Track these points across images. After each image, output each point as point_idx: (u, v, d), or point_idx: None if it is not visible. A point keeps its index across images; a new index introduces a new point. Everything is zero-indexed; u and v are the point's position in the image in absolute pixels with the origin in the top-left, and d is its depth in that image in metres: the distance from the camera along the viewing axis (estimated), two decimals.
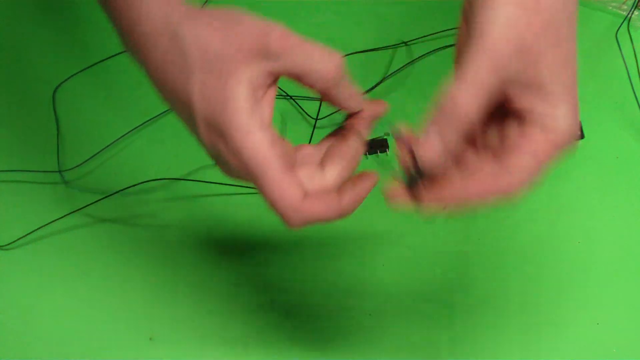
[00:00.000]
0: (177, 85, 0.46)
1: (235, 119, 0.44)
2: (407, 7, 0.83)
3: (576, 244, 0.71)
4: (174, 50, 0.45)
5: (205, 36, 0.45)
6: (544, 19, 0.45)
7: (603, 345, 0.66)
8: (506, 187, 0.46)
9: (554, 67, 0.45)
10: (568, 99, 0.46)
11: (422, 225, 0.72)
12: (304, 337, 0.67)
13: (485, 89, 0.45)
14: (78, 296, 0.68)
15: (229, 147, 0.45)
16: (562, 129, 0.46)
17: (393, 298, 0.68)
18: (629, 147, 0.75)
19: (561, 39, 0.45)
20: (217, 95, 0.44)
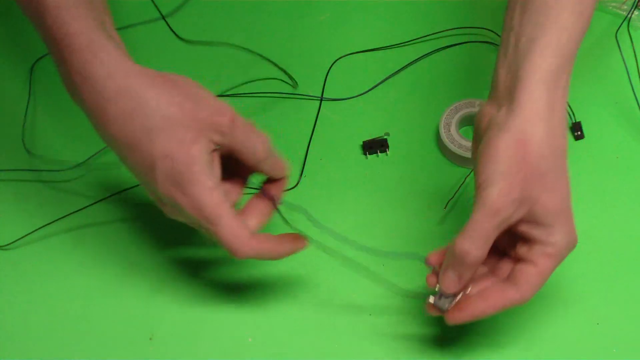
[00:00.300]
0: (137, 142, 0.55)
1: (198, 178, 0.55)
2: (407, 8, 0.83)
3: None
4: (137, 112, 0.54)
5: (167, 106, 0.54)
6: (537, 171, 0.55)
7: (603, 345, 0.66)
8: (518, 300, 0.58)
9: (550, 206, 0.56)
10: (564, 223, 0.56)
11: (423, 225, 0.72)
12: (305, 337, 0.67)
13: (489, 239, 0.56)
14: (78, 296, 0.68)
15: (189, 199, 0.55)
16: (561, 246, 0.57)
17: (393, 298, 0.68)
18: (629, 147, 0.75)
19: (555, 183, 0.56)
20: (181, 157, 0.54)
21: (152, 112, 0.54)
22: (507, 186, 0.55)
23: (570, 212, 0.57)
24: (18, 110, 0.78)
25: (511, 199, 0.55)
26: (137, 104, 0.54)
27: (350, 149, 0.76)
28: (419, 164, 0.75)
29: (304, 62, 0.80)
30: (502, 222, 0.56)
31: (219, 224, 0.56)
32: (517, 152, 0.55)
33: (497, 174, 0.56)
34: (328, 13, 0.83)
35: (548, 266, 0.57)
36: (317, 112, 0.77)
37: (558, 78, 0.56)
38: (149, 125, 0.54)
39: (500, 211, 0.55)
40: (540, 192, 0.55)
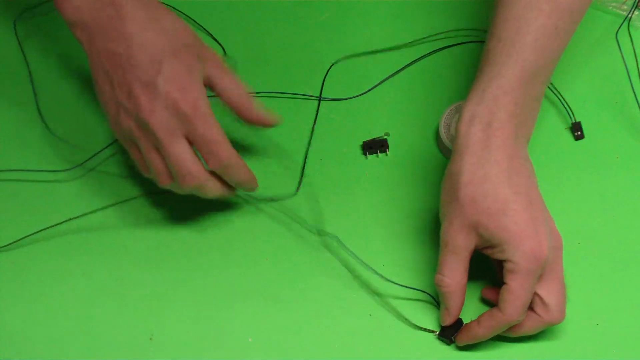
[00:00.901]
0: (151, 41, 0.61)
1: (202, 100, 0.62)
2: (406, 8, 0.83)
3: (576, 244, 0.71)
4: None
5: (151, 37, 0.62)
6: (468, 198, 0.61)
7: (603, 345, 0.66)
8: (504, 319, 0.62)
9: (492, 228, 0.61)
10: (514, 240, 0.60)
11: (422, 226, 0.72)
12: (305, 337, 0.67)
13: (453, 267, 0.63)
14: (78, 296, 0.68)
15: (189, 95, 0.61)
16: (518, 262, 0.60)
17: (393, 298, 0.68)
18: (629, 147, 0.75)
19: (492, 205, 0.60)
20: (184, 79, 0.61)
21: (165, 31, 0.62)
22: (448, 220, 0.63)
23: (522, 228, 0.60)
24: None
25: (455, 230, 0.62)
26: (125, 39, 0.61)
27: (350, 149, 0.76)
28: (419, 164, 0.75)
29: (304, 62, 0.80)
30: (456, 250, 0.63)
31: (213, 123, 0.62)
32: (449, 185, 0.63)
33: (442, 212, 0.64)
34: (327, 13, 0.83)
35: (514, 284, 0.61)
36: (317, 112, 0.77)
37: (492, 113, 0.62)
38: (156, 53, 0.61)
39: (448, 242, 0.63)
40: (479, 217, 0.61)
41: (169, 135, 0.61)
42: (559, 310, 0.63)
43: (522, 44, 0.63)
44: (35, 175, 0.74)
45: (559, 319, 0.63)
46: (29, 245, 0.71)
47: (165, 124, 0.61)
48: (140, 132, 0.62)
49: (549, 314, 0.63)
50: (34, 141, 0.76)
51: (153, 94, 0.60)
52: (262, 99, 0.78)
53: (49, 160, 0.74)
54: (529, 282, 0.61)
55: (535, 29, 0.63)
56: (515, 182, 0.61)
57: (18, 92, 0.78)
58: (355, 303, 0.68)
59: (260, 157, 0.75)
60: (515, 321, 0.62)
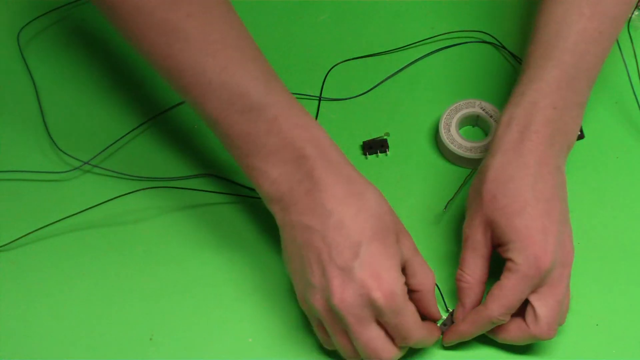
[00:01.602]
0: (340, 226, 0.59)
1: (398, 289, 0.58)
2: (406, 9, 0.83)
3: (576, 244, 0.70)
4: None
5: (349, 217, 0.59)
6: (490, 195, 0.62)
7: (603, 345, 0.66)
8: (487, 315, 0.62)
9: (504, 226, 0.61)
10: (523, 243, 0.60)
11: (422, 226, 0.72)
12: (305, 337, 0.67)
13: (471, 262, 0.64)
14: (78, 296, 0.68)
15: (384, 284, 0.57)
16: (519, 264, 0.60)
17: None
18: (629, 147, 0.75)
19: (511, 205, 0.61)
20: (382, 264, 0.58)
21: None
22: (470, 216, 0.64)
23: (532, 233, 0.60)
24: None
25: (475, 227, 0.63)
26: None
27: (350, 149, 0.75)
28: (419, 164, 0.75)
29: (304, 62, 0.80)
30: (476, 246, 0.63)
31: (407, 312, 0.59)
32: (477, 182, 0.63)
33: (468, 204, 0.65)
34: (327, 13, 0.83)
35: (507, 282, 0.60)
36: (317, 112, 0.77)
37: (530, 116, 0.62)
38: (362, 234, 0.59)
39: (469, 237, 0.64)
40: (496, 213, 0.61)
41: (359, 322, 0.58)
42: (548, 326, 0.61)
43: (562, 48, 0.63)
44: (35, 175, 0.74)
45: (547, 335, 0.62)
46: (29, 245, 0.71)
47: (356, 312, 0.57)
48: (329, 315, 0.59)
49: (537, 327, 0.61)
50: (35, 142, 0.76)
51: (348, 278, 0.57)
52: None
53: (49, 161, 0.74)
54: (522, 286, 0.60)
55: (575, 33, 0.63)
56: (539, 188, 0.61)
57: (20, 95, 0.78)
58: None
59: None
60: (496, 319, 0.61)
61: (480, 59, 0.80)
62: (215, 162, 0.74)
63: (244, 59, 0.61)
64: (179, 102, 0.77)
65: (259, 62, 0.62)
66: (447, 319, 0.66)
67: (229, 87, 0.60)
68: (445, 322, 0.66)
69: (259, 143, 0.60)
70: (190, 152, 0.75)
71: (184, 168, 0.74)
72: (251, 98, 0.60)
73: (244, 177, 0.73)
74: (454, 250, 0.70)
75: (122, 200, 0.72)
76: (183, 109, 0.77)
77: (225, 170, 0.73)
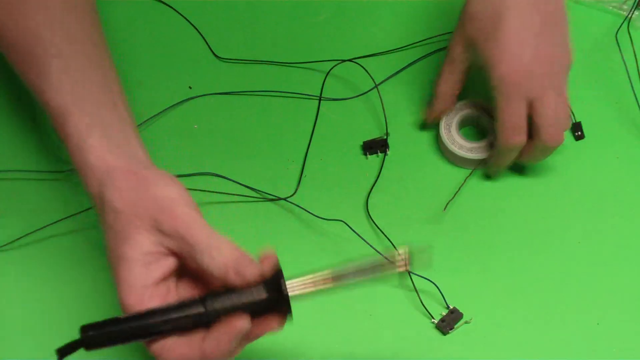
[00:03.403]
0: (103, 231, 0.55)
1: (121, 275, 0.53)
2: (406, 9, 0.83)
3: (576, 244, 0.71)
4: (100, 207, 0.54)
5: (115, 199, 0.53)
6: (470, 15, 0.66)
7: (603, 345, 0.66)
8: (502, 144, 0.69)
9: (480, 42, 0.66)
10: (494, 56, 0.65)
11: (422, 226, 0.72)
12: (305, 337, 0.67)
13: (447, 75, 0.71)
14: (78, 296, 0.68)
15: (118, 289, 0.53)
16: (495, 77, 0.66)
17: (393, 298, 0.69)
18: (629, 147, 0.75)
19: (490, 26, 0.65)
20: (115, 252, 0.53)
21: (105, 208, 0.54)
22: (453, 34, 0.70)
23: (502, 50, 0.64)
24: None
25: (455, 43, 0.69)
26: (101, 201, 0.54)
27: (350, 149, 0.76)
28: (419, 164, 0.75)
29: (303, 62, 0.80)
30: (453, 61, 0.70)
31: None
32: (463, 5, 0.68)
33: (456, 26, 0.69)
34: (327, 13, 0.83)
35: (498, 105, 0.66)
36: (317, 112, 0.77)
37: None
38: (103, 219, 0.54)
39: (448, 53, 0.71)
40: (474, 33, 0.66)
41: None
42: (548, 132, 0.65)
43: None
44: (35, 175, 0.74)
45: (552, 140, 0.67)
46: (29, 245, 0.71)
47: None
48: None
49: (540, 137, 0.66)
50: (35, 142, 0.76)
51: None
52: (262, 98, 0.78)
53: (50, 161, 0.74)
54: (511, 104, 0.65)
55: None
56: (521, 5, 0.64)
57: (19, 94, 0.78)
58: (355, 303, 0.68)
59: (261, 157, 0.75)
60: (512, 145, 0.67)
61: None
62: (216, 161, 0.74)
63: (45, 55, 0.58)
64: (178, 101, 0.77)
65: (64, 57, 0.58)
66: (446, 316, 0.66)
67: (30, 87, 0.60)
68: (444, 318, 0.66)
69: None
70: (190, 150, 0.75)
71: (184, 166, 0.74)
72: (41, 100, 0.58)
73: (244, 176, 0.73)
74: (455, 250, 0.70)
75: None
76: (183, 109, 0.77)
77: (225, 169, 0.73)
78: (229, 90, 0.78)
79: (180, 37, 0.81)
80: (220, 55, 0.80)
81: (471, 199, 0.73)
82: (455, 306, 0.67)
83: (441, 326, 0.66)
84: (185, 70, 0.79)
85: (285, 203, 0.73)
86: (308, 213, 0.72)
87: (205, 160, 0.74)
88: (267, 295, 0.51)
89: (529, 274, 0.70)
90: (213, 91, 0.78)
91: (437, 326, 0.67)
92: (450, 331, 0.67)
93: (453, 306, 0.67)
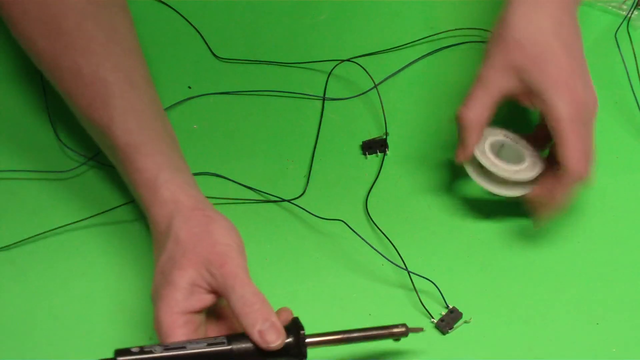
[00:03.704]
0: (156, 254, 0.61)
1: (165, 296, 0.57)
2: (406, 8, 0.83)
3: (576, 244, 0.71)
4: (165, 232, 0.60)
5: (181, 230, 0.59)
6: (515, 43, 0.64)
7: (603, 345, 0.66)
8: (573, 176, 0.64)
9: (534, 74, 0.63)
10: (558, 89, 0.63)
11: (422, 226, 0.72)
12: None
13: (483, 104, 0.65)
14: (78, 297, 0.68)
15: (155, 311, 0.57)
16: (561, 109, 0.63)
17: (393, 298, 0.69)
18: (629, 147, 0.75)
19: (541, 54, 0.63)
20: (164, 275, 0.58)
21: (172, 238, 0.59)
22: (490, 59, 0.65)
23: (565, 77, 0.63)
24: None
25: (495, 68, 0.65)
26: (168, 229, 0.60)
27: (350, 149, 0.76)
28: (419, 164, 0.75)
29: (303, 62, 0.80)
30: (489, 85, 0.65)
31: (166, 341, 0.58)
32: (498, 32, 0.65)
33: (486, 54, 0.66)
34: (327, 13, 0.83)
35: (566, 133, 0.62)
36: (321, 112, 0.77)
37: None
38: (164, 244, 0.59)
39: (482, 77, 0.66)
40: (524, 61, 0.63)
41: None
42: (578, 166, 0.63)
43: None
44: (35, 175, 0.74)
45: (580, 174, 0.63)
46: (29, 245, 0.71)
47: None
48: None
49: (567, 173, 0.63)
50: (35, 142, 0.76)
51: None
52: (262, 98, 0.78)
53: (50, 161, 0.74)
54: (579, 129, 0.62)
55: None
56: (564, 35, 0.64)
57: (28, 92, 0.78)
58: (355, 303, 0.68)
59: (261, 157, 0.75)
60: (584, 176, 0.63)
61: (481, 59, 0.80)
62: (215, 161, 0.74)
63: (108, 95, 0.64)
64: (178, 101, 0.77)
65: (125, 98, 0.64)
66: (446, 316, 0.66)
67: (95, 125, 0.65)
68: (444, 318, 0.66)
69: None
70: (189, 151, 0.75)
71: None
72: (109, 138, 0.64)
73: (243, 176, 0.73)
74: (454, 250, 0.70)
75: (121, 199, 0.72)
76: (183, 109, 0.77)
77: (224, 170, 0.74)
78: (228, 90, 0.78)
79: (180, 37, 0.81)
80: (220, 55, 0.80)
81: (471, 198, 0.73)
82: (454, 306, 0.67)
83: (441, 326, 0.66)
84: (185, 70, 0.79)
85: (285, 203, 0.73)
86: (308, 213, 0.72)
87: (204, 160, 0.74)
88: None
89: (529, 273, 0.70)
90: (212, 91, 0.78)
91: (437, 326, 0.67)
92: (450, 331, 0.67)
93: (453, 306, 0.67)
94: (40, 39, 0.64)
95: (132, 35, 0.68)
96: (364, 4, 0.83)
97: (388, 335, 0.61)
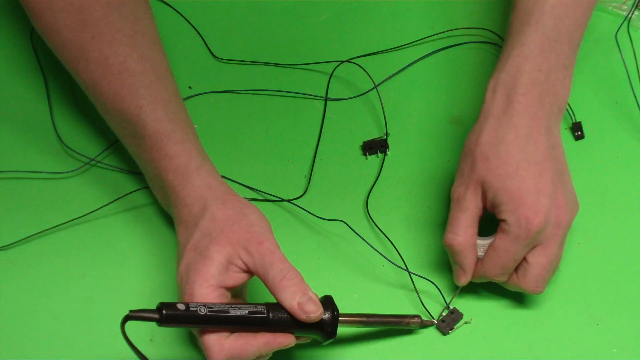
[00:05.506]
0: (185, 233, 0.63)
1: (200, 269, 0.59)
2: (406, 8, 0.83)
3: (576, 244, 0.71)
4: (198, 213, 0.62)
5: (217, 210, 0.62)
6: (480, 156, 0.63)
7: (603, 345, 0.66)
8: (480, 270, 0.66)
9: (495, 187, 0.63)
10: (511, 203, 0.62)
11: (422, 226, 0.72)
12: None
13: (463, 225, 0.64)
14: (78, 296, 0.68)
15: (188, 286, 0.59)
16: (510, 224, 0.62)
17: (393, 297, 0.69)
18: (629, 147, 0.76)
19: (500, 167, 0.63)
20: (200, 250, 0.60)
21: (206, 218, 0.62)
22: (462, 177, 0.65)
23: (524, 194, 0.61)
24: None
25: (467, 186, 0.64)
26: (202, 211, 0.62)
27: (350, 149, 0.76)
28: (419, 164, 0.75)
29: (304, 63, 0.80)
30: (468, 207, 0.64)
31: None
32: (469, 144, 0.65)
33: (458, 169, 0.66)
34: (327, 14, 0.83)
35: (500, 243, 0.63)
36: (324, 112, 0.77)
37: (515, 80, 0.64)
38: (197, 223, 0.62)
39: (459, 199, 0.65)
40: (488, 175, 0.63)
41: None
42: (535, 281, 0.64)
43: (540, 12, 0.65)
44: (35, 175, 0.74)
45: (533, 290, 0.64)
46: (29, 245, 0.70)
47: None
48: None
49: (524, 281, 0.64)
50: (36, 143, 0.75)
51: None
52: (261, 98, 0.78)
53: (51, 162, 0.74)
54: (515, 246, 0.62)
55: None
56: (531, 150, 0.62)
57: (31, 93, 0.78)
58: (355, 303, 0.68)
59: (261, 157, 0.75)
60: (491, 278, 0.64)
61: (481, 59, 0.80)
62: (214, 161, 0.74)
63: (136, 85, 0.65)
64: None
65: (153, 88, 0.66)
66: (447, 316, 0.66)
67: (121, 114, 0.66)
68: (444, 318, 0.66)
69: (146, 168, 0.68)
70: None
71: None
72: (136, 126, 0.65)
73: (243, 176, 0.73)
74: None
75: (122, 201, 0.72)
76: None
77: (224, 170, 0.73)
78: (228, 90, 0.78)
79: (179, 37, 0.81)
80: (219, 55, 0.80)
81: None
82: (455, 306, 0.67)
83: (441, 326, 0.66)
84: (184, 70, 0.79)
85: (285, 203, 0.73)
86: (308, 213, 0.72)
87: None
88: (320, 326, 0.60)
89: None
90: (213, 90, 0.78)
91: (437, 326, 0.67)
92: (450, 331, 0.67)
93: (453, 306, 0.67)
94: (66, 30, 0.65)
95: (154, 28, 0.70)
96: (364, 5, 0.83)
97: (404, 324, 0.65)
